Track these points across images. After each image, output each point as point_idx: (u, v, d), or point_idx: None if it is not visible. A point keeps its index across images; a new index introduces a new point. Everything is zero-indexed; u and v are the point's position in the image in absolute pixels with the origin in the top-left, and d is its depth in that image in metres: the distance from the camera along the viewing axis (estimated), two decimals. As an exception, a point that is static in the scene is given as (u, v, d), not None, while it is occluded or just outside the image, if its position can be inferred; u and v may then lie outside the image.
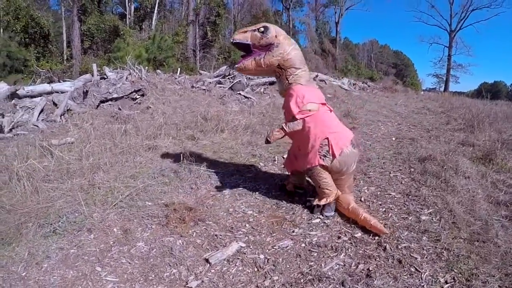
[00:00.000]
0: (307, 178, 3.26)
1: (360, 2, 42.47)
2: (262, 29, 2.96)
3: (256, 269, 2.15)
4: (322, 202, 2.87)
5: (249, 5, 30.30)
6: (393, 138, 5.70)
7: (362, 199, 3.22)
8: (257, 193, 3.29)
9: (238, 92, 8.13)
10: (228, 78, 8.92)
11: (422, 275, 2.09)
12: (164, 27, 25.42)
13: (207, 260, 2.21)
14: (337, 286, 2.01)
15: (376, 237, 2.51)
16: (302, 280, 2.05)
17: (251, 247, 2.39)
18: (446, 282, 2.03)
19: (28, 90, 6.40)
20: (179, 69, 10.23)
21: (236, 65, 3.22)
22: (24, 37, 18.98)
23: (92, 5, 22.62)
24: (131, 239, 2.47)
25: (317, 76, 12.27)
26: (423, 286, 2.01)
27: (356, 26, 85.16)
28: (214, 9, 24.63)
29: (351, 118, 7.05)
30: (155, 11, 25.62)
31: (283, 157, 4.18)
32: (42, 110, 5.78)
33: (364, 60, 46.37)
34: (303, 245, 2.44)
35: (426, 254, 2.31)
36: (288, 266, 2.19)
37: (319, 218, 2.82)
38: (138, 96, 6.59)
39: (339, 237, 2.53)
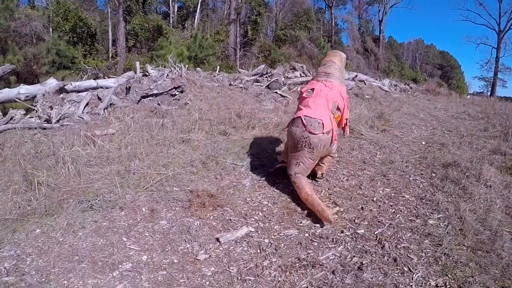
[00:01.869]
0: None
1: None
2: None
3: (259, 251, 2.42)
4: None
5: (290, 3, 30.19)
6: (423, 142, 5.67)
7: (375, 199, 3.33)
8: (275, 186, 3.55)
9: (275, 91, 8.39)
10: (266, 77, 9.21)
11: (414, 276, 2.18)
12: (206, 25, 26.17)
13: (217, 239, 2.52)
14: (327, 273, 2.21)
15: (376, 236, 2.65)
16: (297, 265, 2.28)
17: (259, 232, 2.67)
18: (437, 286, 2.10)
19: (76, 85, 6.97)
20: (218, 67, 10.63)
21: None
22: (72, 36, 20.44)
23: (137, 6, 23.92)
24: (156, 217, 2.83)
25: (356, 76, 12.25)
26: (411, 285, 2.10)
27: (401, 25, 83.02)
28: (255, 8, 24.97)
29: (384, 120, 7.00)
30: (198, 10, 26.45)
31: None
32: (87, 104, 6.30)
33: (408, 60, 44.92)
34: (306, 235, 2.67)
35: (424, 256, 2.39)
36: (288, 251, 2.43)
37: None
38: (177, 93, 7.03)
39: (342, 231, 2.71)
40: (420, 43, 50.69)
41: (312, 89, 3.66)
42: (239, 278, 2.13)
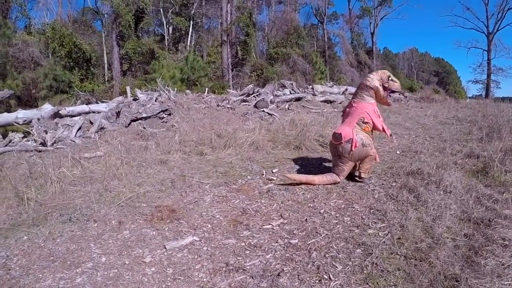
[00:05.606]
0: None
1: (394, 10, 42.39)
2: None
3: (196, 257, 2.98)
4: None
5: (280, 22, 31.47)
6: (398, 152, 6.02)
7: (322, 211, 3.66)
8: (232, 201, 4.11)
9: (262, 109, 9.03)
10: (254, 96, 9.87)
11: (331, 283, 2.39)
12: (202, 47, 27.43)
13: (164, 246, 3.15)
14: (247, 278, 2.59)
15: (308, 245, 2.98)
16: (223, 269, 2.75)
17: (202, 241, 3.23)
18: (354, 294, 2.30)
19: (69, 110, 7.94)
20: (206, 89, 11.37)
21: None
22: (69, 62, 21.88)
23: (129, 31, 25.26)
24: (121, 228, 3.50)
25: (346, 90, 12.92)
26: (325, 293, 2.32)
27: (395, 35, 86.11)
28: (243, 29, 26.35)
29: (365, 132, 7.40)
30: (190, 32, 27.99)
31: (272, 171, 5.02)
32: (80, 128, 7.09)
33: (404, 69, 45.76)
34: (242, 244, 3.12)
35: (350, 265, 2.60)
36: (220, 258, 2.93)
37: (271, 224, 3.51)
38: (165, 116, 7.77)
39: (276, 241, 3.11)
40: (415, 51, 51.59)
41: (345, 111, 4.92)
42: (172, 277, 2.71)
